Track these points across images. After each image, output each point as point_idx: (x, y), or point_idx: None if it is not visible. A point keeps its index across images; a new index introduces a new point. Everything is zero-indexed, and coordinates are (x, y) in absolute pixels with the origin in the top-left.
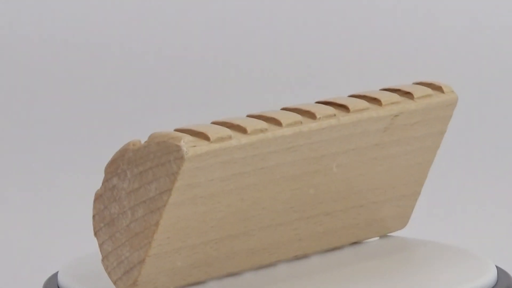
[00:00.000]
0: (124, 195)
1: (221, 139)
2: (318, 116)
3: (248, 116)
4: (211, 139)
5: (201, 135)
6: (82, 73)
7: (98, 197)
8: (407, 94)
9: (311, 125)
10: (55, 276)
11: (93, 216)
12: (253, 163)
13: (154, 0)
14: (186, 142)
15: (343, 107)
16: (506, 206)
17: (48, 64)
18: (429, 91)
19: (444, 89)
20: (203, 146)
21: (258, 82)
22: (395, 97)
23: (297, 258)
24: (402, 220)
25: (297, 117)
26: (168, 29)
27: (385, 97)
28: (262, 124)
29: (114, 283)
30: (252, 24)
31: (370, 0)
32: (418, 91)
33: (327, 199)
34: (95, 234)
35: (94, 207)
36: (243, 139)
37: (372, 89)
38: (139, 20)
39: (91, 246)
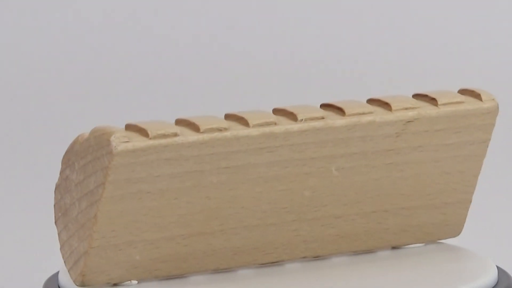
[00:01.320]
0: (73, 187)
1: (163, 136)
2: (299, 118)
3: (226, 114)
4: (150, 135)
5: (142, 131)
6: (83, 68)
7: (56, 187)
8: (432, 100)
9: (289, 126)
10: (55, 276)
11: (54, 206)
12: (213, 162)
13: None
14: (117, 137)
15: (339, 110)
16: (506, 206)
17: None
18: (460, 98)
19: (483, 97)
20: (138, 142)
21: (280, 83)
22: (410, 102)
23: (312, 259)
24: (454, 228)
25: (271, 118)
26: (167, 27)
27: (397, 102)
28: (222, 123)
29: (68, 271)
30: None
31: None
32: (444, 97)
33: (332, 202)
34: (55, 223)
35: (54, 197)
36: (192, 137)
37: (395, 94)
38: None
39: None
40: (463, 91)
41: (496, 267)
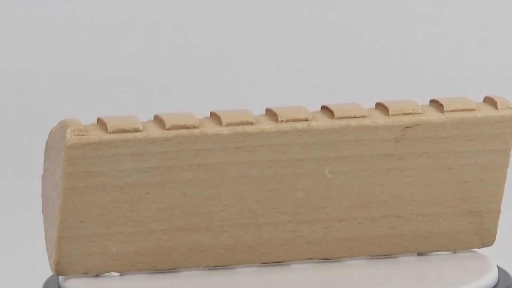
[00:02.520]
0: (49, 177)
1: (122, 131)
2: (280, 119)
3: (210, 112)
4: (109, 130)
5: (103, 125)
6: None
7: (42, 178)
8: (439, 106)
9: (266, 127)
10: (55, 276)
11: (41, 195)
12: (183, 159)
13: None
14: (72, 130)
15: (330, 113)
16: (507, 205)
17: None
18: (471, 105)
19: (499, 105)
20: (94, 136)
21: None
22: (412, 107)
23: (320, 260)
24: (484, 237)
25: (247, 117)
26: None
27: (397, 106)
28: (191, 120)
29: (48, 260)
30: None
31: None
32: (452, 104)
33: (331, 204)
34: (42, 212)
35: (41, 187)
36: (156, 133)
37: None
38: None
39: None
40: (486, 99)
41: (496, 267)
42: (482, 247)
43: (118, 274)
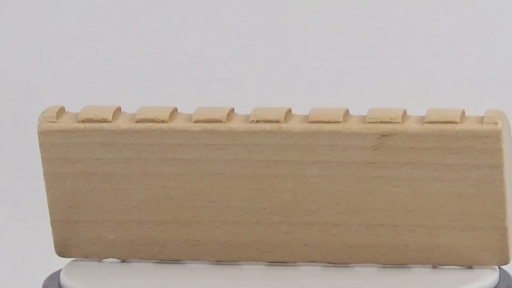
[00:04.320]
0: None
1: (91, 120)
2: (251, 119)
3: (198, 108)
4: (79, 119)
5: (76, 114)
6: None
7: None
8: (421, 117)
9: (235, 126)
10: (55, 276)
11: None
12: (157, 152)
13: None
14: (44, 117)
15: (306, 116)
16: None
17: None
18: (454, 117)
19: (485, 119)
20: (64, 124)
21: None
22: (389, 116)
23: (329, 265)
24: (497, 255)
25: (219, 115)
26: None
27: (374, 114)
28: (162, 115)
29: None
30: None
31: None
32: (435, 115)
33: (321, 208)
34: None
35: None
36: (124, 125)
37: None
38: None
39: None
40: (489, 113)
41: (497, 267)
42: (497, 265)
43: (120, 261)
